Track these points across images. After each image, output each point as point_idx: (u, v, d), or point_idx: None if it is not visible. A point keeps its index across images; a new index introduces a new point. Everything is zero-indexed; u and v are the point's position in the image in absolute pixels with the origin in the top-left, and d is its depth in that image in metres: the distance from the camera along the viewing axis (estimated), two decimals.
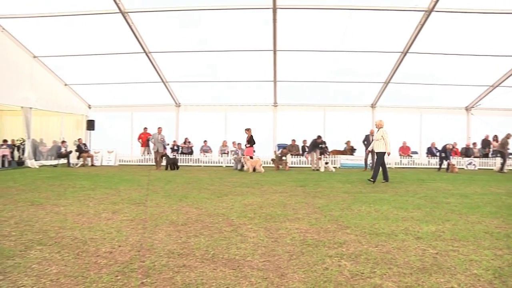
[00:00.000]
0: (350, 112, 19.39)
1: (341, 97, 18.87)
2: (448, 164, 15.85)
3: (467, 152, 19.00)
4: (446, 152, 16.04)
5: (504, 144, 16.14)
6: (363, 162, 16.22)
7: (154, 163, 16.40)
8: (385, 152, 10.26)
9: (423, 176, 12.59)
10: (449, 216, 5.33)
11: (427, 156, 19.14)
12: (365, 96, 18.82)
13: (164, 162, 15.83)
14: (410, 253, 3.56)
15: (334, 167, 16.53)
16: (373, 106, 19.42)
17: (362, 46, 14.88)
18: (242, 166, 15.75)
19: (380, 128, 10.49)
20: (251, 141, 15.14)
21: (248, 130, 15.37)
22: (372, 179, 10.02)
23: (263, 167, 14.67)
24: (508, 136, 16.33)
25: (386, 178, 10.27)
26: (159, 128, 16.10)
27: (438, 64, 15.78)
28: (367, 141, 15.64)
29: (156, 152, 15.93)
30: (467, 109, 19.43)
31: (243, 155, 15.58)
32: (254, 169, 14.43)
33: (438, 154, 17.28)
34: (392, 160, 18.14)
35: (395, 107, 19.22)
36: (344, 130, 17.96)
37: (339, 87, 18.14)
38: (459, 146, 19.29)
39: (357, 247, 3.77)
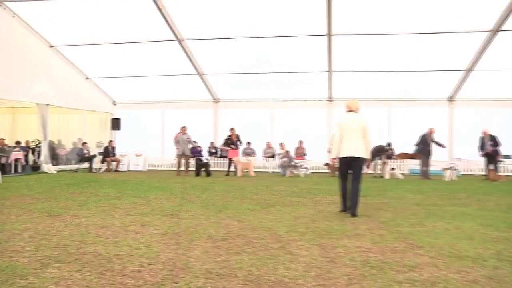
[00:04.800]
0: (422, 107, 18.81)
1: (410, 90, 18.37)
2: None
3: None
4: None
5: None
6: (439, 168, 15.68)
7: (190, 168, 16.62)
8: (364, 159, 6.78)
9: None
10: None
11: None
12: (440, 87, 18.19)
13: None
14: (507, 286, 3.36)
15: (401, 174, 16.14)
16: (451, 99, 18.72)
17: (437, 27, 14.31)
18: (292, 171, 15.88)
19: (355, 112, 6.89)
20: (238, 142, 16.80)
21: (233, 129, 16.82)
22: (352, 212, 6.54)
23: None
24: None
25: (354, 206, 6.52)
26: (183, 127, 16.23)
27: None
28: (423, 144, 15.08)
29: (182, 155, 16.09)
30: None
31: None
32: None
33: None
34: (476, 166, 17.38)
35: (480, 100, 18.36)
36: (415, 129, 17.40)
37: (408, 78, 17.67)
38: None
39: (433, 272, 3.64)
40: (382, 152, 16.08)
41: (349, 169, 6.72)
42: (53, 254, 4.09)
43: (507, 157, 18.34)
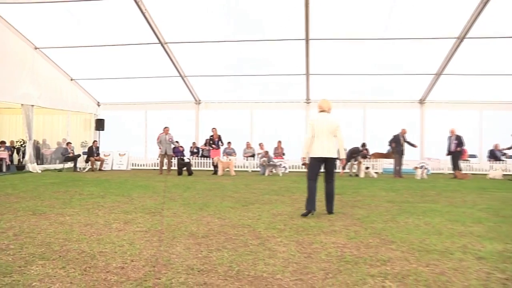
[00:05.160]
0: (395, 109, 19.06)
1: (384, 92, 18.63)
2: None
3: None
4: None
5: None
6: (411, 167, 15.93)
7: (172, 168, 16.51)
8: (337, 159, 6.66)
9: (484, 184, 12.26)
10: None
11: (489, 161, 18.56)
12: (412, 90, 18.48)
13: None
14: (470, 276, 3.44)
15: (376, 173, 16.33)
16: (421, 101, 19.03)
17: (408, 33, 14.53)
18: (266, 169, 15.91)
19: (327, 112, 6.62)
20: (219, 142, 16.96)
21: (215, 129, 17.00)
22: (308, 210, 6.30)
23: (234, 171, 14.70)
24: None
25: (331, 204, 6.51)
26: (165, 128, 16.14)
27: (504, 50, 15.12)
28: (396, 143, 15.30)
29: (164, 154, 16.06)
30: None
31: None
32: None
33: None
34: (445, 165, 17.71)
35: (448, 103, 18.73)
36: (388, 130, 17.65)
37: (382, 81, 17.93)
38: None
39: (404, 265, 3.70)
40: (357, 153, 16.22)
41: (320, 169, 6.56)
42: (37, 252, 4.02)
43: (473, 156, 18.78)
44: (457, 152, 15.61)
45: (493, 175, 15.24)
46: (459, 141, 15.53)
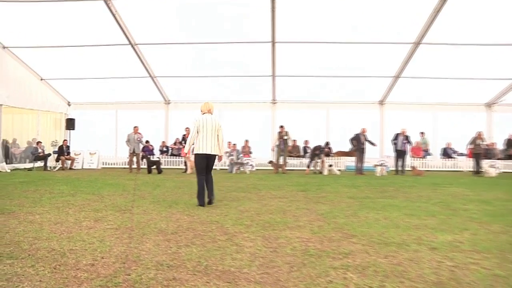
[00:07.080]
0: (356, 110, 19.38)
1: (346, 94, 18.93)
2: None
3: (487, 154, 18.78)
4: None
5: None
6: (371, 165, 16.24)
7: (144, 166, 16.19)
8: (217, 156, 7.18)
9: (437, 180, 12.61)
10: (468, 225, 5.33)
11: (442, 158, 19.16)
12: (372, 92, 18.84)
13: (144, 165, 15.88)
14: (423, 265, 3.55)
15: (338, 170, 16.55)
16: (381, 103, 19.45)
17: (369, 37, 14.86)
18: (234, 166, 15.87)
19: (210, 114, 7.15)
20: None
21: (188, 129, 17.09)
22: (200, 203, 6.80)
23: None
24: None
25: (212, 195, 7.00)
26: (135, 127, 15.89)
27: (455, 56, 15.69)
28: (357, 140, 15.60)
29: (132, 153, 15.80)
30: (488, 105, 19.39)
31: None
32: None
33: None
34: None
35: (406, 104, 19.25)
36: (350, 129, 17.95)
37: (344, 83, 18.21)
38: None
39: (364, 258, 3.77)
40: (319, 150, 16.35)
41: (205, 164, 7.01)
42: (5, 251, 3.87)
43: (428, 154, 19.37)
44: (405, 150, 16.19)
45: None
46: (408, 140, 16.07)
